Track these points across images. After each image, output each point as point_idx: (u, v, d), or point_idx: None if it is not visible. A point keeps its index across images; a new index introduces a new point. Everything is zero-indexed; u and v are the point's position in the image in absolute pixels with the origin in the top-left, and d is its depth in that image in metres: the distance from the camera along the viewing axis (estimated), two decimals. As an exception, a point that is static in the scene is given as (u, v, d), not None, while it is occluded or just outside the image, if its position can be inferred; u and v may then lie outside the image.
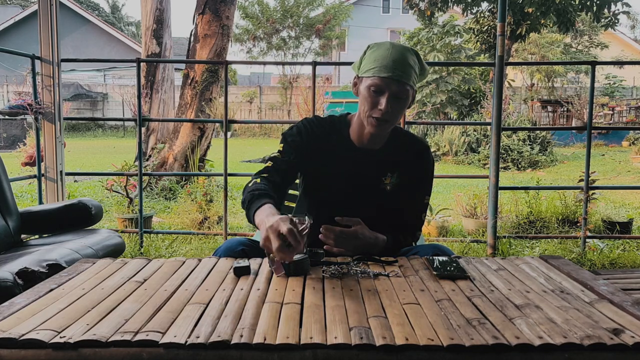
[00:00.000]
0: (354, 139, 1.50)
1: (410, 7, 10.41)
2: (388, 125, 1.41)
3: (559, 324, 0.91)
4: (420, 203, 1.52)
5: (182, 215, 4.15)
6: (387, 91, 1.35)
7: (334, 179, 1.51)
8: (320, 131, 1.50)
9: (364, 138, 1.47)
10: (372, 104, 1.37)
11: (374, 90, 1.36)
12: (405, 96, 1.37)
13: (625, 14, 8.97)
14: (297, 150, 1.48)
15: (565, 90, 16.20)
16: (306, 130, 1.49)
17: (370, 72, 1.36)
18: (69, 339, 0.85)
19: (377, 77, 1.35)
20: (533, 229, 3.82)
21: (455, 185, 6.72)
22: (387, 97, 1.35)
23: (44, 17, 3.13)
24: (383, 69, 1.34)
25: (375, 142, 1.48)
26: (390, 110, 1.36)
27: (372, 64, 1.37)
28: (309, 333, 0.87)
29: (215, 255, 1.40)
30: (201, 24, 5.36)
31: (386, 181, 1.50)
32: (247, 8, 18.16)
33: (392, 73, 1.34)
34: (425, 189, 1.53)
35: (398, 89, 1.35)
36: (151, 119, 5.42)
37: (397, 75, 1.34)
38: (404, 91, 1.36)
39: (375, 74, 1.35)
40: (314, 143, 1.49)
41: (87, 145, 12.79)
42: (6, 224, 2.28)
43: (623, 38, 22.42)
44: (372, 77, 1.36)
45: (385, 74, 1.34)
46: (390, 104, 1.35)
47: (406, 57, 1.36)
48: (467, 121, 11.09)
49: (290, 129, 1.52)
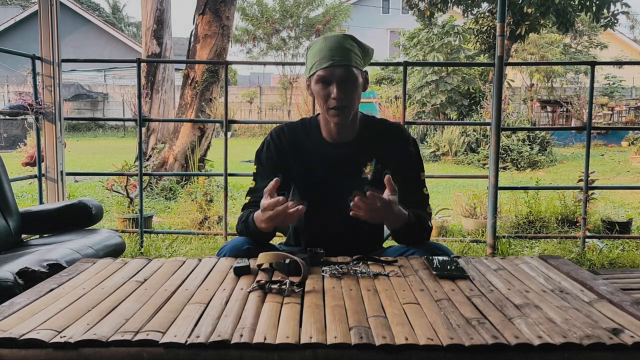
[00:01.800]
0: (326, 136, 1.51)
1: (409, 7, 10.41)
2: (347, 110, 1.42)
3: (559, 324, 0.91)
4: (417, 180, 1.52)
5: (182, 215, 4.15)
6: (333, 79, 1.39)
7: (315, 179, 1.51)
8: (291, 138, 1.53)
9: (334, 132, 1.49)
10: (324, 96, 1.41)
11: (322, 83, 1.40)
12: (354, 78, 1.40)
13: (625, 14, 8.97)
14: (271, 166, 1.50)
15: (564, 91, 16.21)
16: (274, 144, 1.52)
17: (314, 68, 1.41)
18: (69, 338, 0.85)
19: (321, 69, 1.39)
20: (532, 229, 3.82)
21: (454, 185, 6.72)
22: (336, 85, 1.38)
23: (44, 17, 3.13)
24: (323, 60, 1.39)
25: (346, 134, 1.50)
26: (343, 96, 1.39)
27: (312, 60, 1.42)
28: (309, 333, 0.87)
29: (221, 253, 1.41)
30: (201, 25, 5.36)
31: (366, 170, 1.50)
32: (246, 9, 18.15)
33: (331, 60, 1.38)
34: (416, 165, 1.53)
35: (343, 73, 1.38)
36: (151, 119, 5.43)
37: (337, 61, 1.38)
38: (350, 73, 1.39)
39: (318, 67, 1.40)
40: (287, 151, 1.51)
41: (88, 146, 12.78)
42: (7, 223, 2.28)
43: (622, 38, 22.42)
44: (316, 71, 1.40)
45: (326, 64, 1.38)
46: (340, 90, 1.38)
47: (341, 42, 1.40)
48: (466, 121, 11.08)
49: (261, 146, 1.55)
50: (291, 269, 1.18)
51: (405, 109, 3.28)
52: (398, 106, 3.66)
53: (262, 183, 1.49)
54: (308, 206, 1.25)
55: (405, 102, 3.29)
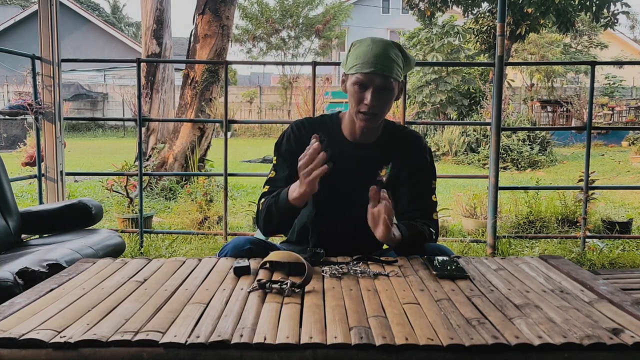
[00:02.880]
0: (347, 135, 1.52)
1: (410, 7, 10.41)
2: (376, 118, 1.44)
3: (559, 324, 0.91)
4: (428, 187, 1.52)
5: (182, 215, 4.15)
6: (371, 86, 1.39)
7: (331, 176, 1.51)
8: (312, 132, 1.50)
9: (357, 133, 1.50)
10: (358, 99, 1.41)
11: (358, 86, 1.40)
12: (390, 88, 1.41)
13: (625, 14, 8.97)
14: (291, 158, 1.50)
15: (564, 91, 16.21)
16: (295, 136, 1.52)
17: (353, 69, 1.41)
18: (69, 338, 0.85)
19: (360, 74, 1.39)
20: (533, 229, 3.82)
21: (455, 185, 6.72)
22: (372, 92, 1.39)
23: (44, 17, 3.13)
24: (365, 64, 1.38)
25: (368, 136, 1.51)
26: (376, 104, 1.40)
27: (354, 60, 1.41)
28: (309, 333, 0.87)
29: (222, 253, 1.41)
30: (201, 24, 5.36)
31: (382, 173, 1.51)
32: (246, 8, 18.16)
33: (374, 68, 1.37)
34: (429, 173, 1.54)
35: (381, 83, 1.39)
36: (151, 119, 5.43)
37: (379, 69, 1.38)
38: (388, 84, 1.39)
39: (358, 70, 1.39)
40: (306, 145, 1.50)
41: (88, 145, 12.79)
42: (6, 223, 2.28)
43: (622, 38, 22.42)
44: (355, 73, 1.40)
45: (368, 70, 1.38)
46: (375, 98, 1.39)
47: (387, 51, 1.39)
48: (466, 121, 11.09)
49: (281, 137, 1.56)
50: (291, 269, 1.18)
51: (405, 109, 3.28)
52: (398, 106, 3.66)
53: (282, 173, 1.51)
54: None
55: (405, 102, 3.29)
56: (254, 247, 1.40)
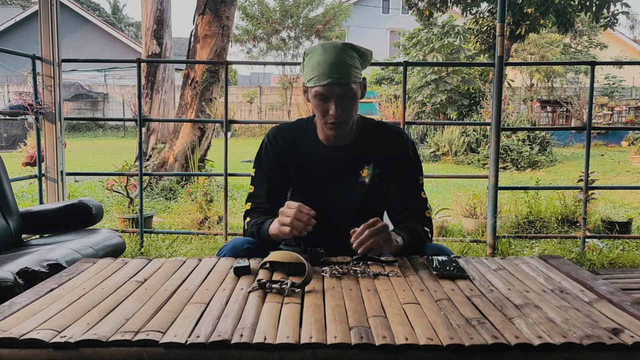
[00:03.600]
0: (322, 139, 1.51)
1: (409, 7, 10.40)
2: (344, 125, 1.43)
3: (559, 324, 0.91)
4: (416, 183, 1.50)
5: (183, 215, 4.15)
6: (332, 96, 1.37)
7: (312, 181, 1.51)
8: (288, 139, 1.52)
9: (330, 137, 1.49)
10: (322, 111, 1.40)
11: (320, 99, 1.38)
12: (351, 94, 1.38)
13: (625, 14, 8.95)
14: (269, 169, 1.51)
15: (564, 91, 16.21)
16: (271, 146, 1.52)
17: (312, 82, 1.38)
18: (69, 338, 0.85)
19: (319, 86, 1.36)
20: (532, 228, 3.83)
21: (454, 185, 6.72)
22: (334, 102, 1.37)
23: (44, 18, 3.13)
24: (322, 76, 1.35)
25: (343, 138, 1.49)
26: (342, 112, 1.38)
27: (310, 73, 1.38)
28: (309, 333, 0.87)
29: (221, 253, 1.41)
30: (201, 25, 5.36)
31: (363, 174, 1.50)
32: (246, 8, 18.16)
33: (330, 79, 1.35)
34: (414, 169, 1.52)
35: (342, 91, 1.36)
36: (151, 119, 5.43)
37: (335, 79, 1.35)
38: (348, 90, 1.37)
39: (316, 83, 1.37)
40: (284, 153, 1.51)
41: (88, 146, 12.78)
42: (7, 223, 2.28)
43: (622, 38, 22.41)
44: (314, 86, 1.38)
45: (325, 82, 1.35)
46: (339, 107, 1.37)
47: (340, 57, 1.36)
48: (466, 121, 11.09)
49: (259, 149, 1.55)
50: (291, 269, 1.18)
51: (405, 109, 3.28)
52: (398, 106, 3.66)
53: (261, 189, 1.51)
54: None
55: (405, 102, 3.29)
56: (252, 247, 1.40)
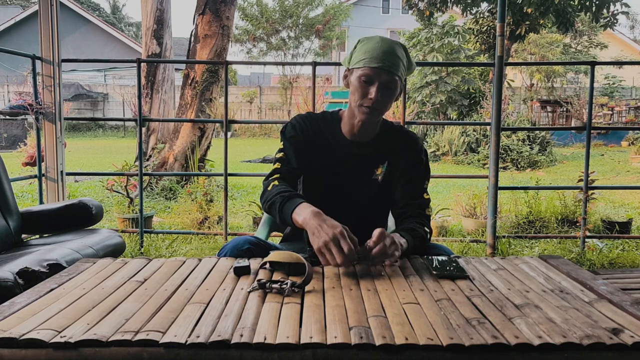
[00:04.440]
0: (346, 133, 1.54)
1: (409, 7, 10.40)
2: (377, 113, 1.46)
3: (559, 324, 0.91)
4: (421, 186, 1.53)
5: (183, 215, 4.16)
6: (377, 81, 1.41)
7: (328, 173, 1.54)
8: (313, 127, 1.55)
9: (355, 130, 1.51)
10: (362, 93, 1.43)
11: (364, 80, 1.42)
12: (394, 86, 1.43)
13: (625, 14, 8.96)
14: (297, 144, 1.52)
15: (564, 91, 16.21)
16: (300, 127, 1.53)
17: (361, 63, 1.42)
18: (69, 338, 0.85)
19: (368, 68, 1.41)
20: (532, 228, 3.83)
21: (454, 185, 6.72)
22: (377, 86, 1.41)
23: (44, 18, 3.13)
24: (373, 59, 1.40)
25: (366, 133, 1.52)
26: (380, 99, 1.42)
27: (362, 55, 1.43)
28: (309, 333, 0.87)
29: (221, 253, 1.41)
30: (201, 25, 5.36)
31: (377, 172, 1.54)
32: (246, 9, 18.15)
33: (382, 63, 1.40)
34: (423, 173, 1.55)
35: (387, 79, 1.41)
36: (151, 119, 5.41)
37: (386, 65, 1.40)
38: (393, 81, 1.42)
39: (366, 64, 1.41)
40: (308, 139, 1.53)
41: (88, 145, 12.79)
42: (7, 223, 2.28)
43: (622, 38, 22.42)
44: (362, 67, 1.42)
45: (376, 64, 1.40)
46: (380, 93, 1.41)
47: (395, 49, 1.42)
48: (466, 121, 11.09)
49: (285, 126, 1.57)
50: (291, 269, 1.18)
51: (405, 109, 3.28)
52: (398, 106, 3.66)
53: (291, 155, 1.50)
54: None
55: (405, 102, 3.29)
56: (252, 247, 1.40)
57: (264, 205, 1.45)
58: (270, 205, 1.40)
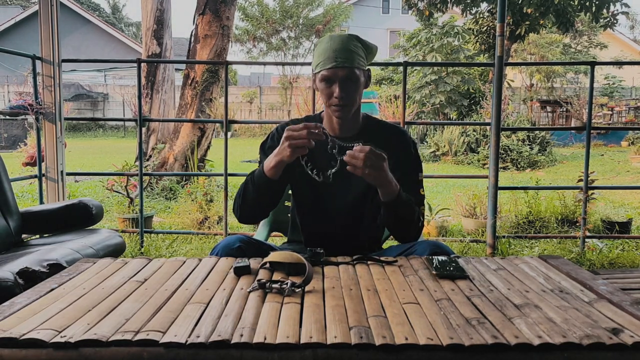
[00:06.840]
0: (329, 131, 1.54)
1: (409, 7, 10.40)
2: (348, 108, 1.49)
3: (558, 324, 0.91)
4: (415, 180, 1.54)
5: (183, 215, 4.16)
6: (336, 79, 1.45)
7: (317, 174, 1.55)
8: None
9: (336, 128, 1.55)
10: (328, 94, 1.48)
11: (325, 82, 1.47)
12: (355, 78, 1.46)
13: (624, 15, 8.97)
14: None
15: (564, 91, 16.20)
16: (278, 136, 1.54)
17: (318, 67, 1.48)
18: (69, 338, 0.85)
19: (324, 70, 1.46)
20: (532, 228, 3.83)
21: (454, 185, 6.72)
22: (338, 84, 1.45)
23: (44, 18, 3.13)
24: (327, 60, 1.45)
25: (347, 130, 1.55)
26: (345, 94, 1.45)
27: (318, 59, 1.48)
28: (309, 333, 0.87)
29: (214, 252, 1.42)
30: (201, 25, 5.36)
31: None
32: (246, 9, 18.15)
33: (335, 62, 1.44)
34: (415, 166, 1.56)
35: (345, 74, 1.45)
36: (151, 119, 5.43)
37: (340, 62, 1.44)
38: (352, 74, 1.45)
39: (322, 67, 1.46)
40: None
41: (88, 146, 12.79)
42: (7, 223, 2.28)
43: (622, 38, 22.41)
44: (320, 71, 1.47)
45: (330, 65, 1.44)
46: (342, 89, 1.45)
47: (345, 44, 1.46)
48: (466, 121, 11.09)
49: (266, 138, 1.61)
50: (291, 269, 1.18)
51: (405, 109, 3.28)
52: (398, 106, 3.66)
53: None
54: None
55: (405, 102, 3.29)
56: (243, 246, 1.41)
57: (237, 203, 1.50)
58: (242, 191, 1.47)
